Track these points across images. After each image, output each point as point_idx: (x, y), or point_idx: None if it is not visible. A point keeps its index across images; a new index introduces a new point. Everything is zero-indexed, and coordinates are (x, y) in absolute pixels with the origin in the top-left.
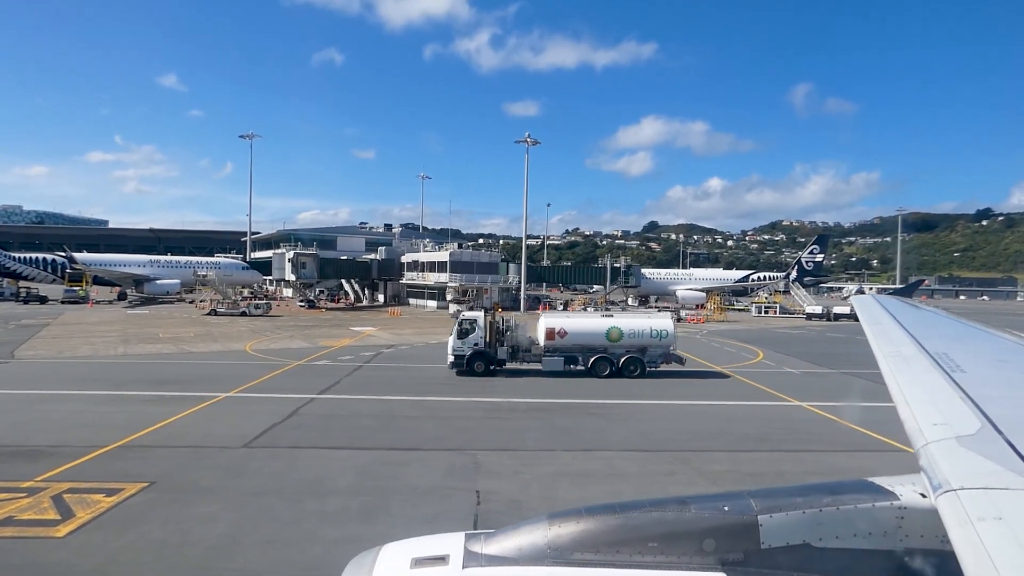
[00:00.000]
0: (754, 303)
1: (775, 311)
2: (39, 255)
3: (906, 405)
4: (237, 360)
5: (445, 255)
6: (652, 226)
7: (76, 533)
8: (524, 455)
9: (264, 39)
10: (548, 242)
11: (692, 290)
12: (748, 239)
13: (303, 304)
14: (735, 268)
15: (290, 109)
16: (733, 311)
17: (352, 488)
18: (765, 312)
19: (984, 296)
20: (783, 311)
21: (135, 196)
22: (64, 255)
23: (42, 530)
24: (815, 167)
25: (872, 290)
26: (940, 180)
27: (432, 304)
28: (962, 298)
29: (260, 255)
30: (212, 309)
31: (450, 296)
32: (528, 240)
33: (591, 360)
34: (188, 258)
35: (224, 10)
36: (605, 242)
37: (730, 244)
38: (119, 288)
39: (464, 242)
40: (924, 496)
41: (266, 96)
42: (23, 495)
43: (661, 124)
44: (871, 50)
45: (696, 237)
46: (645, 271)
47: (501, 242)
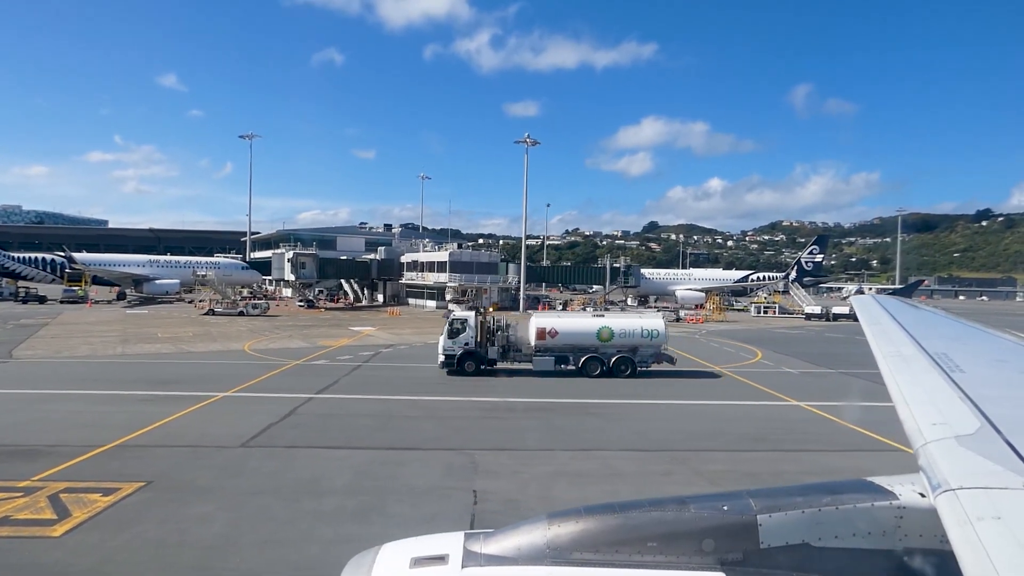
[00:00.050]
0: (753, 303)
1: (774, 311)
2: (38, 255)
3: (905, 405)
4: (235, 360)
5: (444, 255)
6: (652, 226)
7: (72, 533)
8: (522, 455)
9: (264, 39)
10: (548, 242)
11: (691, 290)
12: (748, 239)
13: (302, 304)
14: (735, 268)
15: (290, 109)
16: (732, 311)
17: (349, 488)
18: (764, 312)
19: (983, 296)
20: (782, 311)
21: (135, 196)
22: (63, 255)
23: (38, 530)
24: (815, 167)
25: (871, 290)
26: (940, 180)
27: (431, 304)
28: (961, 298)
29: (260, 255)
30: (210, 309)
31: (449, 296)
32: (528, 240)
33: (582, 360)
34: (187, 258)
35: (224, 10)
36: (605, 242)
37: (730, 244)
38: (118, 288)
39: (464, 242)
40: (923, 496)
41: (266, 96)
42: (20, 494)
43: (661, 124)
44: (871, 50)
45: (696, 237)
46: (644, 271)
47: (501, 242)
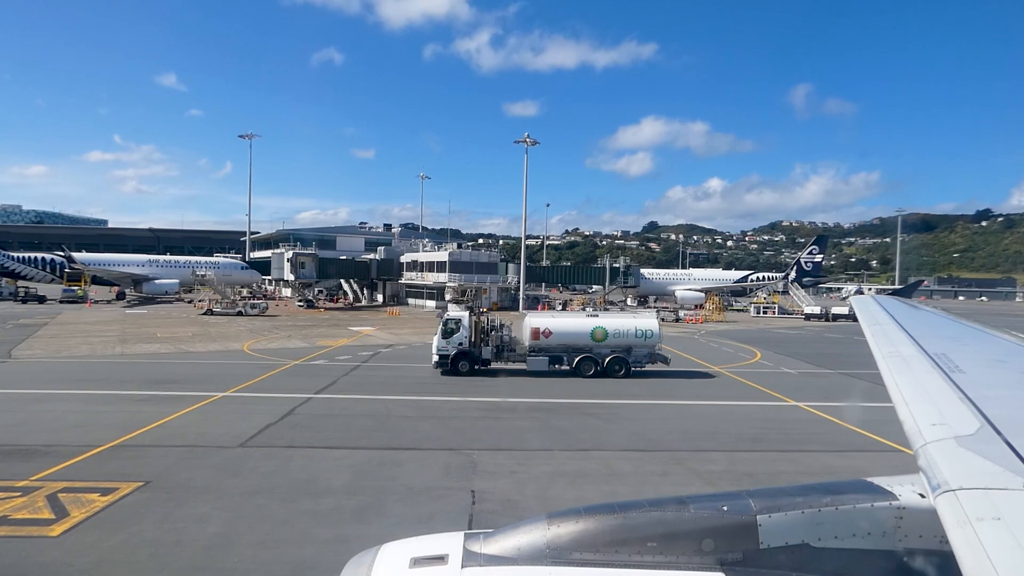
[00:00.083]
0: (752, 303)
1: (774, 311)
2: (38, 255)
3: (905, 405)
4: (234, 360)
5: (444, 255)
6: (652, 226)
7: (70, 532)
8: (520, 455)
9: (264, 39)
10: (548, 242)
11: (691, 290)
12: (748, 239)
13: (302, 304)
14: (734, 268)
15: (290, 109)
16: (732, 311)
17: (347, 488)
18: (763, 312)
19: (983, 297)
20: (782, 311)
21: (134, 196)
22: (63, 255)
23: (36, 529)
24: (815, 167)
25: (871, 291)
26: (940, 181)
27: (431, 304)
28: (961, 299)
29: (259, 255)
30: (208, 309)
31: (449, 296)
32: (528, 240)
33: (576, 360)
34: (187, 258)
35: (224, 10)
36: (605, 242)
37: (730, 244)
38: (118, 288)
39: (463, 242)
40: (923, 496)
41: (266, 96)
42: (18, 494)
43: (661, 124)
44: (871, 50)
45: (696, 237)
46: (644, 271)
47: (501, 242)
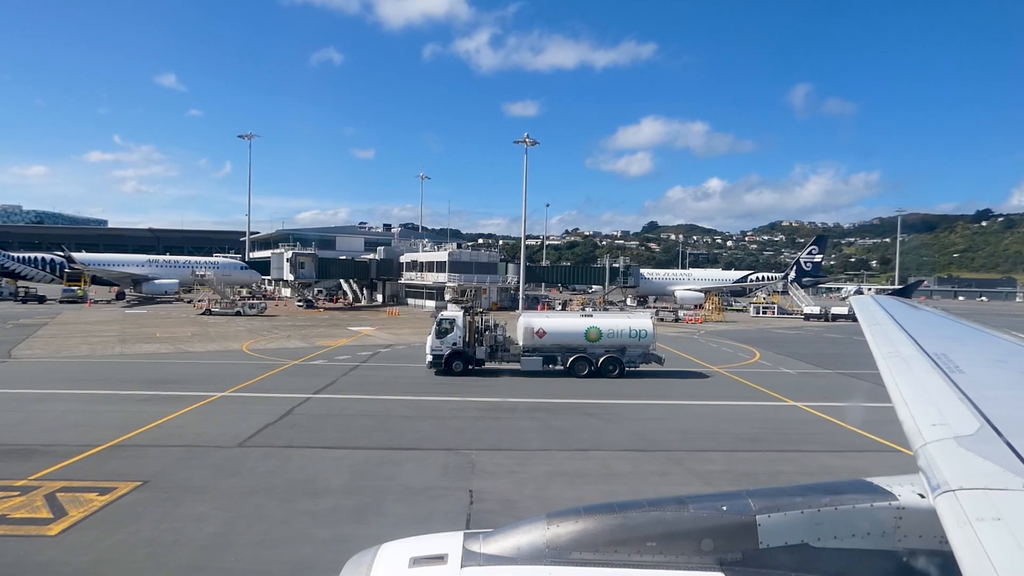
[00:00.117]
0: (752, 303)
1: (773, 311)
2: (38, 255)
3: (905, 405)
4: (234, 360)
5: (444, 255)
6: (652, 226)
7: (68, 532)
8: (519, 455)
9: (263, 39)
10: (548, 242)
11: (690, 290)
12: (747, 239)
13: (301, 304)
14: (734, 268)
15: (289, 109)
16: (731, 311)
17: (345, 488)
18: (763, 312)
19: (983, 297)
20: (781, 311)
21: (134, 196)
22: (62, 255)
23: (34, 528)
24: (814, 167)
25: (870, 291)
26: (939, 181)
27: (431, 304)
28: (961, 299)
29: (259, 255)
30: (207, 309)
31: (448, 296)
32: (527, 240)
33: (570, 360)
34: (186, 258)
35: (223, 10)
36: (605, 242)
37: (729, 244)
38: (117, 288)
39: (463, 242)
40: (922, 496)
41: (265, 96)
42: (16, 493)
43: (661, 124)
44: (871, 50)
45: (696, 237)
46: (644, 271)
47: (500, 242)
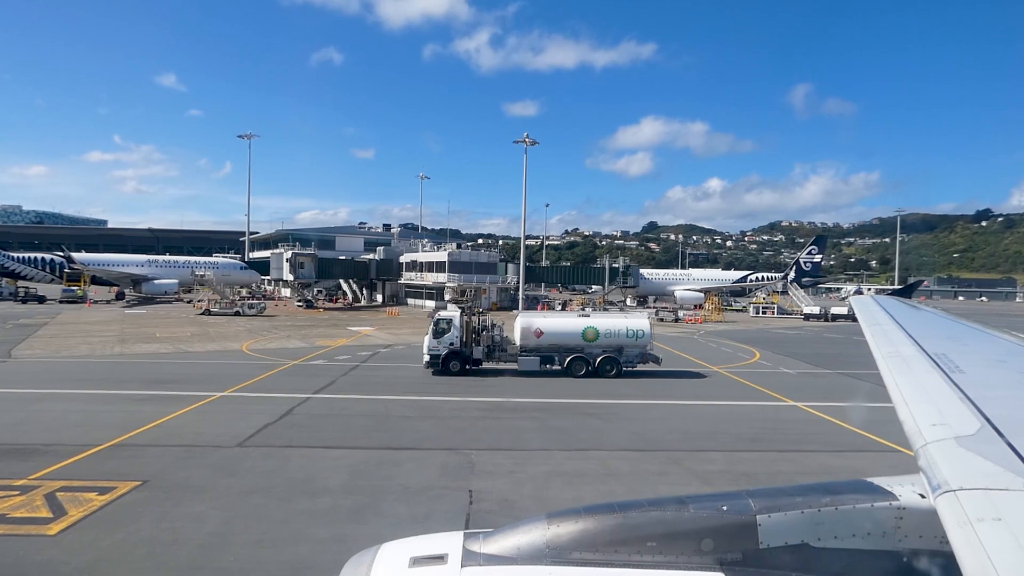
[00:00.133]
0: (752, 303)
1: (773, 311)
2: (37, 255)
3: (905, 405)
4: (233, 360)
5: (443, 255)
6: (651, 226)
7: (68, 531)
8: (518, 455)
9: (263, 39)
10: (547, 242)
11: (690, 290)
12: (747, 240)
13: (301, 304)
14: (734, 269)
15: (289, 109)
16: (731, 311)
17: (344, 487)
18: (763, 312)
19: (983, 297)
20: (781, 311)
21: (134, 196)
22: (62, 255)
23: (34, 528)
24: (814, 167)
25: (870, 291)
26: (940, 181)
27: (430, 304)
28: (960, 299)
29: (259, 255)
30: (206, 309)
31: (448, 296)
32: (527, 240)
33: (567, 360)
34: (186, 258)
35: (223, 10)
36: (604, 242)
37: (729, 244)
38: (117, 288)
39: (463, 242)
40: (923, 497)
41: (265, 96)
42: (16, 493)
43: (660, 124)
44: (871, 50)
45: (695, 237)
46: (643, 271)
47: (500, 242)
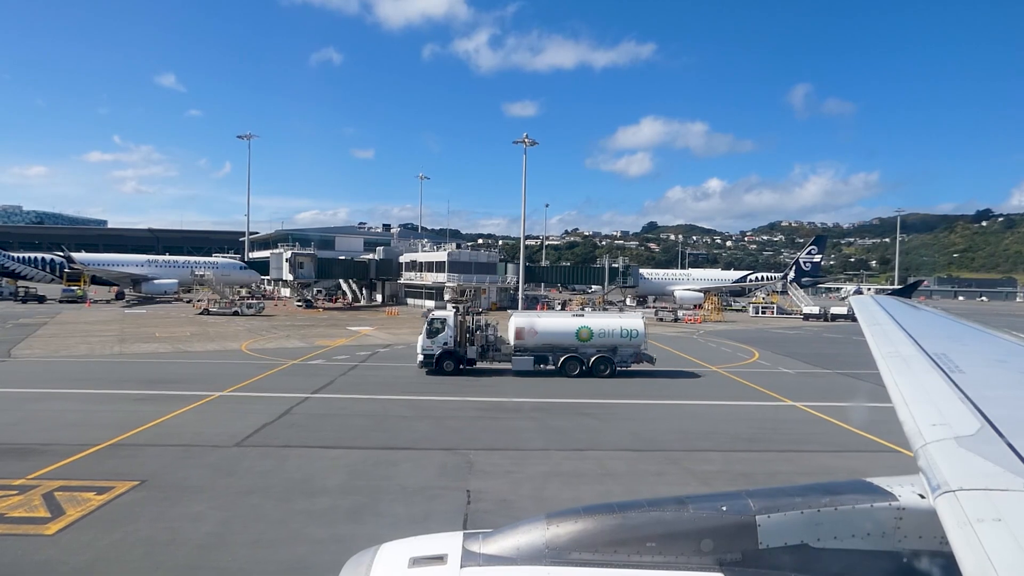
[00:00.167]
0: (751, 303)
1: (772, 311)
2: (37, 255)
3: (905, 406)
4: (232, 359)
5: (443, 255)
6: (651, 227)
7: (65, 531)
8: (516, 455)
9: (262, 39)
10: (547, 242)
11: (690, 290)
12: (747, 240)
13: (300, 304)
14: (733, 269)
15: (289, 109)
16: (730, 311)
17: (342, 487)
18: (762, 312)
19: (983, 297)
20: (780, 311)
21: (134, 196)
22: (62, 255)
23: (32, 527)
24: (814, 168)
25: (870, 291)
26: (939, 181)
27: (430, 304)
28: (960, 299)
29: (258, 255)
30: (205, 309)
31: (448, 296)
32: (527, 240)
33: (561, 359)
34: (185, 258)
35: (223, 10)
36: (604, 242)
37: (729, 245)
38: (117, 288)
39: (463, 242)
40: (923, 497)
41: (265, 96)
42: (14, 492)
43: (660, 125)
44: (871, 50)
45: (695, 238)
46: (643, 271)
47: (500, 242)
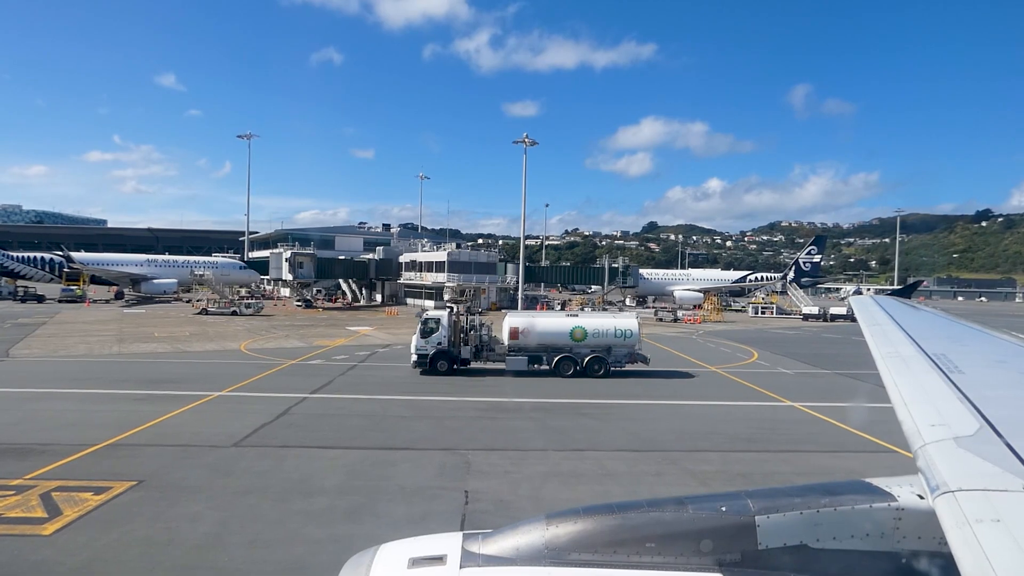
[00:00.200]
0: (751, 304)
1: (772, 312)
2: (37, 254)
3: (904, 406)
4: (231, 359)
5: (443, 255)
6: (651, 227)
7: (63, 531)
8: (514, 455)
9: (263, 39)
10: (547, 242)
11: (689, 290)
12: (747, 240)
13: (300, 304)
14: (733, 269)
15: (289, 109)
16: (730, 312)
17: (340, 488)
18: (762, 313)
19: (982, 297)
20: (780, 312)
21: (134, 196)
22: (61, 254)
23: (29, 528)
24: (814, 168)
25: (869, 291)
26: (939, 181)
27: (430, 304)
28: (960, 299)
29: (258, 255)
30: (203, 308)
31: (448, 296)
32: (527, 240)
33: (555, 360)
34: (185, 258)
35: (223, 10)
36: (604, 242)
37: (729, 245)
38: (116, 287)
39: (463, 242)
40: (922, 497)
41: (265, 96)
42: (12, 493)
43: (660, 125)
44: (871, 50)
45: (695, 238)
46: (643, 271)
47: (500, 242)
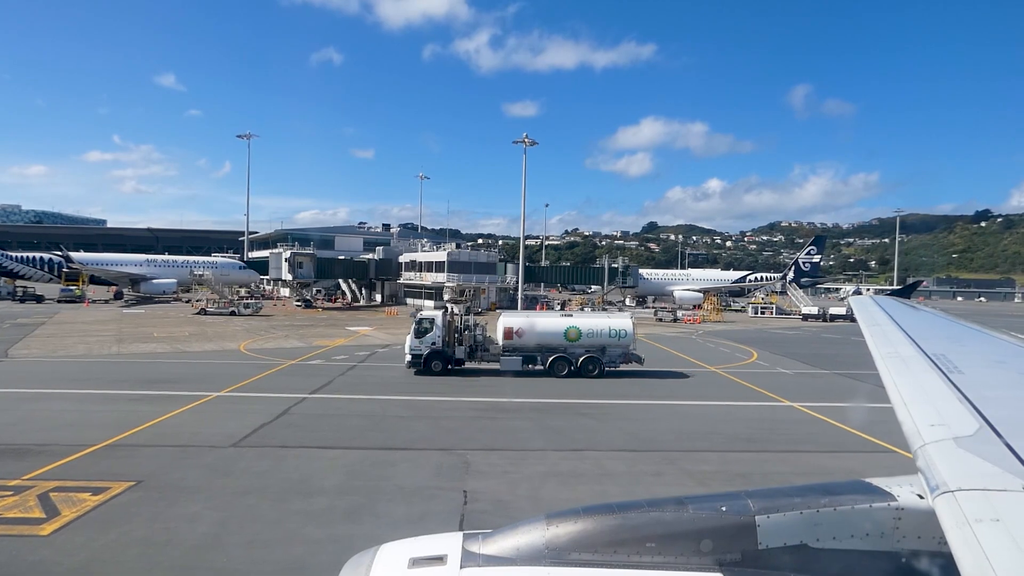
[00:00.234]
0: (751, 304)
1: (771, 312)
2: (36, 254)
3: (903, 406)
4: (230, 359)
5: (443, 255)
6: (651, 227)
7: (60, 532)
8: (513, 455)
9: (263, 39)
10: (547, 242)
11: (689, 290)
12: (747, 240)
13: (299, 304)
14: (733, 269)
15: (289, 109)
16: (730, 312)
17: (339, 488)
18: (761, 313)
19: (981, 297)
20: (779, 312)
21: (133, 195)
22: (61, 254)
23: (27, 528)
24: (814, 168)
25: (869, 291)
26: (939, 181)
27: (429, 304)
28: (959, 299)
29: (258, 255)
30: (202, 308)
31: (447, 296)
32: (527, 240)
33: (549, 360)
34: (184, 258)
35: (223, 10)
36: (604, 243)
37: (729, 245)
38: (115, 287)
39: (463, 242)
40: (921, 497)
41: (265, 96)
42: (9, 493)
43: (660, 125)
44: (871, 50)
45: (695, 238)
46: (643, 271)
47: (500, 242)
